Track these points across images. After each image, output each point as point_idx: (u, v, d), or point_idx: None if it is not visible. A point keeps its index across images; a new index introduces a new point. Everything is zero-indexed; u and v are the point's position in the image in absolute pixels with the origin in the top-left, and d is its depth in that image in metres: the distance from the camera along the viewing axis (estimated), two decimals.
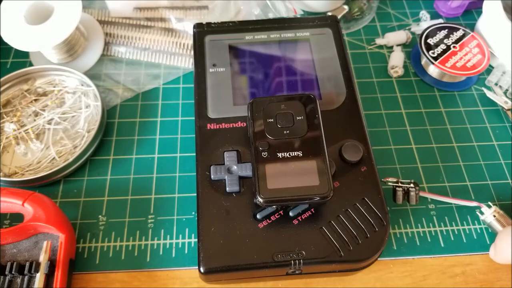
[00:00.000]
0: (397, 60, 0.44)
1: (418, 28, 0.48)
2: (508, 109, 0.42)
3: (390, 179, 0.35)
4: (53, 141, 0.39)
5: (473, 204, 0.35)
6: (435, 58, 0.42)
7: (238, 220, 0.29)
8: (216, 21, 0.39)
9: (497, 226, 0.34)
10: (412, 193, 0.34)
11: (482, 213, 0.35)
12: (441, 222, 0.36)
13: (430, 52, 0.43)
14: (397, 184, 0.35)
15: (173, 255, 0.34)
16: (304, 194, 0.28)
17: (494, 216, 0.34)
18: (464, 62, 0.42)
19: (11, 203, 0.32)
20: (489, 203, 0.36)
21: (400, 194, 0.35)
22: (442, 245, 0.35)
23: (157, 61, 0.45)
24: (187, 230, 0.35)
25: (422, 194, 0.35)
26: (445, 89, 0.44)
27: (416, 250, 0.35)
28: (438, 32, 0.44)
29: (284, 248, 0.28)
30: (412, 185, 0.35)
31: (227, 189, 0.30)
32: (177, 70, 0.44)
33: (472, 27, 0.48)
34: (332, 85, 0.35)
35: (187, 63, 0.44)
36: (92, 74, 0.43)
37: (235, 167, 0.31)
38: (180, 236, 0.35)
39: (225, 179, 0.31)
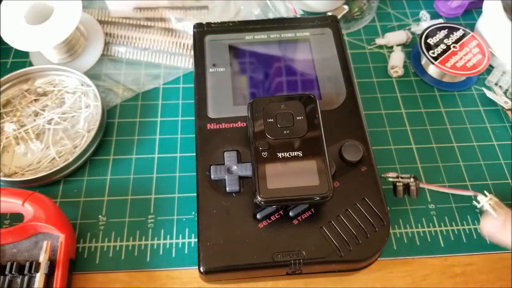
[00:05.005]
0: (397, 60, 0.44)
1: (418, 28, 0.48)
2: (508, 109, 0.42)
3: (390, 175, 0.35)
4: (53, 141, 0.39)
5: (469, 193, 0.36)
6: (435, 58, 0.42)
7: (238, 220, 0.29)
8: (216, 21, 0.39)
9: (493, 213, 0.34)
10: (412, 187, 0.35)
11: (478, 201, 0.35)
12: (441, 222, 0.36)
13: (430, 52, 0.43)
14: (397, 180, 0.35)
15: (173, 255, 0.34)
16: (304, 194, 0.28)
17: (490, 204, 0.34)
18: (464, 62, 0.42)
19: (11, 203, 0.32)
20: (485, 191, 0.35)
21: (400, 188, 0.35)
22: (442, 245, 0.35)
23: (157, 61, 0.45)
24: (187, 230, 0.35)
25: (421, 185, 0.36)
26: (445, 89, 0.44)
27: (416, 250, 0.35)
28: (438, 32, 0.45)
29: (284, 248, 0.28)
30: (412, 179, 0.35)
31: (227, 189, 0.30)
32: (177, 70, 0.44)
33: (472, 27, 0.48)
34: (332, 85, 0.35)
35: (187, 63, 0.44)
36: (92, 74, 0.43)
37: (235, 167, 0.31)
38: (180, 236, 0.35)
39: (225, 179, 0.31)
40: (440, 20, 0.48)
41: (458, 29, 0.45)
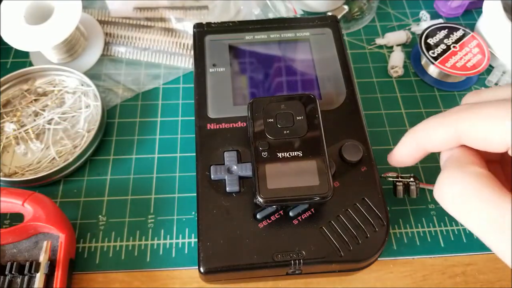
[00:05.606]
0: (397, 60, 0.44)
1: (418, 28, 0.48)
2: None
3: (390, 174, 0.35)
4: (53, 141, 0.39)
5: None
6: (435, 58, 0.42)
7: (238, 220, 0.29)
8: (216, 21, 0.39)
9: None
10: (412, 187, 0.35)
11: None
12: (441, 222, 0.36)
13: (430, 52, 0.43)
14: (397, 179, 0.35)
15: (173, 255, 0.34)
16: (304, 194, 0.28)
17: None
18: (464, 62, 0.42)
19: (11, 203, 0.32)
20: None
21: (400, 188, 0.35)
22: (442, 245, 0.35)
23: (157, 61, 0.45)
24: (187, 230, 0.35)
25: (421, 185, 0.36)
26: (445, 89, 0.44)
27: (416, 250, 0.35)
28: (438, 32, 0.45)
29: (284, 248, 0.28)
30: (412, 179, 0.35)
31: (227, 189, 0.30)
32: (177, 70, 0.44)
33: (472, 27, 0.48)
34: (332, 85, 0.35)
35: (187, 63, 0.44)
36: (92, 74, 0.43)
37: (235, 167, 0.31)
38: (180, 236, 0.35)
39: (225, 179, 0.31)
40: (440, 20, 0.48)
41: (458, 29, 0.45)
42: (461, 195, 0.21)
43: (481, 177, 0.21)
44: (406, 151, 0.27)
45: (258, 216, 0.29)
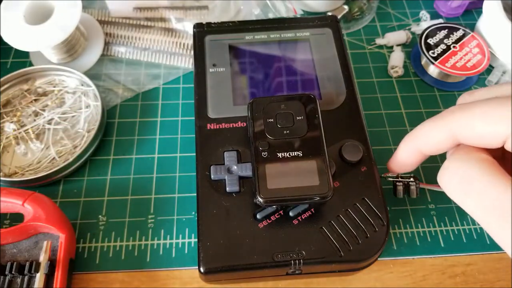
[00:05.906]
0: (397, 60, 0.44)
1: (418, 28, 0.48)
2: None
3: (390, 174, 0.35)
4: (53, 141, 0.39)
5: None
6: (435, 58, 0.43)
7: (238, 220, 0.29)
8: (216, 21, 0.39)
9: None
10: (413, 187, 0.35)
11: None
12: (441, 222, 0.36)
13: (430, 52, 0.43)
14: (397, 179, 0.35)
15: (173, 255, 0.34)
16: (304, 194, 0.28)
17: None
18: (464, 62, 0.42)
19: (11, 203, 0.32)
20: None
21: (400, 188, 0.35)
22: (442, 245, 0.35)
23: (157, 61, 0.45)
24: (187, 230, 0.35)
25: (421, 185, 0.36)
26: (445, 89, 0.44)
27: (416, 250, 0.35)
28: (438, 32, 0.45)
29: (284, 248, 0.28)
30: (412, 179, 0.35)
31: (227, 189, 0.30)
32: (177, 70, 0.44)
33: (472, 27, 0.48)
34: (332, 85, 0.35)
35: (187, 63, 0.44)
36: (92, 74, 0.43)
37: (235, 167, 0.31)
38: (180, 236, 0.35)
39: (225, 179, 0.31)
40: (440, 20, 0.48)
41: (458, 29, 0.45)
42: (463, 179, 0.22)
43: (484, 162, 0.22)
44: (405, 156, 0.28)
45: (258, 216, 0.29)
